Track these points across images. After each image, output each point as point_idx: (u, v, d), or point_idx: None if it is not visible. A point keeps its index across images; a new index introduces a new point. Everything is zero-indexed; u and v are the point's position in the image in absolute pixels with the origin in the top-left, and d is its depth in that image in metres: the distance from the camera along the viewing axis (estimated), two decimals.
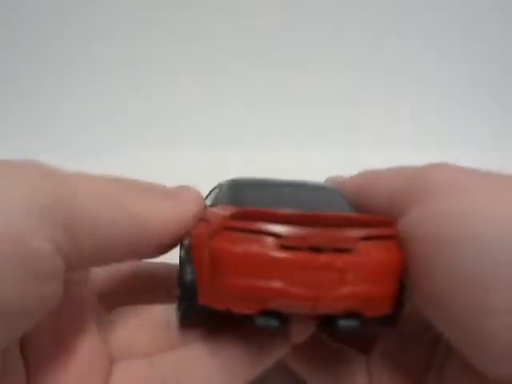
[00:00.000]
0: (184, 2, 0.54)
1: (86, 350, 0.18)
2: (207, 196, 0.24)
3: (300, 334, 0.19)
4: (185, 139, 0.54)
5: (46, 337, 0.17)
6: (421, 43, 0.55)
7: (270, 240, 0.15)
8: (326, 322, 0.16)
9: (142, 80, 0.56)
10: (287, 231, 0.15)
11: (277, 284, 0.15)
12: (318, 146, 0.50)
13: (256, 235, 0.15)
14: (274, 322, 0.15)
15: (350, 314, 0.15)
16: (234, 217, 0.15)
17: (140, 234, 0.17)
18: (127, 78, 0.56)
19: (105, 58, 0.55)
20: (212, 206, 0.20)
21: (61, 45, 0.55)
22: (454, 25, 0.54)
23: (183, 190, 0.20)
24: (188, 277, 0.17)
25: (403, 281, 0.17)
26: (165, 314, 0.20)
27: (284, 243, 0.15)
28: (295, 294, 0.15)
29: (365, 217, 0.16)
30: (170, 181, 0.21)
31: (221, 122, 0.56)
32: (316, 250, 0.15)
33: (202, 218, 0.19)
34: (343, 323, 0.16)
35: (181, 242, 0.20)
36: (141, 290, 0.24)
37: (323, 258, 0.15)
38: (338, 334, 0.22)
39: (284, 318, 0.16)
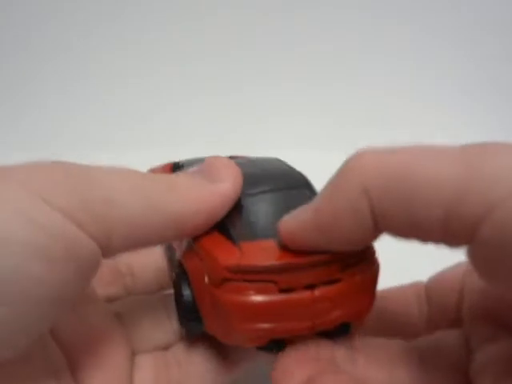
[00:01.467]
0: (184, 1, 0.54)
1: (116, 345, 0.19)
2: None
3: None
4: (185, 140, 0.54)
5: (77, 335, 0.18)
6: (421, 39, 0.55)
7: (270, 286, 0.17)
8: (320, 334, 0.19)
9: (142, 80, 0.56)
10: (283, 277, 0.17)
11: (282, 322, 0.17)
12: (317, 148, 0.50)
13: (256, 283, 0.17)
14: (277, 347, 0.18)
15: (341, 326, 0.19)
16: (233, 270, 0.17)
17: (171, 225, 0.18)
18: (127, 77, 0.56)
19: (104, 58, 0.55)
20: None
21: (60, 45, 0.55)
22: (455, 28, 0.55)
23: (219, 165, 0.19)
24: (186, 299, 0.19)
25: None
26: (164, 303, 0.22)
27: (282, 287, 0.17)
28: (298, 327, 0.17)
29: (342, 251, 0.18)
30: None
31: (221, 123, 0.56)
32: (309, 287, 0.17)
33: (192, 248, 0.19)
34: (336, 333, 0.19)
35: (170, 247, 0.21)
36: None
37: (317, 292, 0.17)
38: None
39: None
